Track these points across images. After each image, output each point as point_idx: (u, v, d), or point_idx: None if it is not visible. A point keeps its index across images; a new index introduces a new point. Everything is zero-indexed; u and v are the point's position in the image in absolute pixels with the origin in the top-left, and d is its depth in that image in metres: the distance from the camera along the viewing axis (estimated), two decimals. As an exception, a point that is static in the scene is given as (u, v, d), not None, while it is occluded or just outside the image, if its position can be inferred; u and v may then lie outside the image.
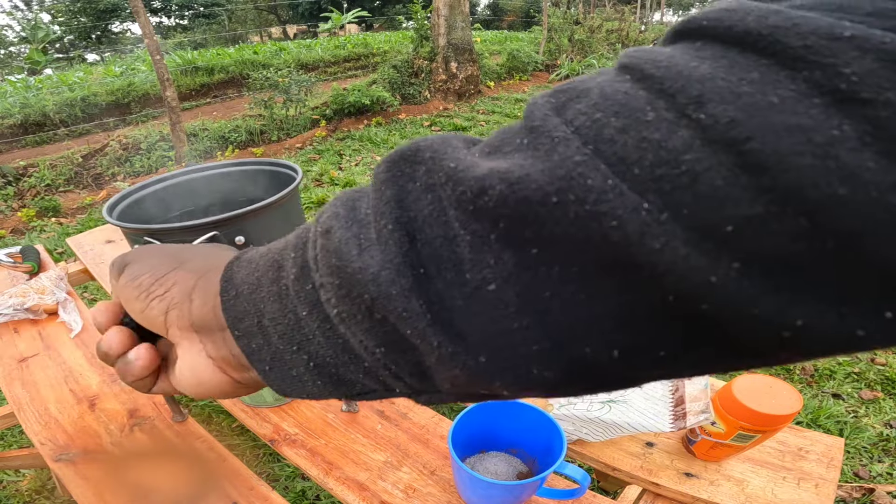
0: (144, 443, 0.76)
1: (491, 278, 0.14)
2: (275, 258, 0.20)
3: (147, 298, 0.23)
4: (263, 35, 16.33)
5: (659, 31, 12.61)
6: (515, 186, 0.13)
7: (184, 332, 0.23)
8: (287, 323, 0.19)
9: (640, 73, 0.13)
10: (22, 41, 13.49)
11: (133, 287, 0.24)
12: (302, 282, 0.18)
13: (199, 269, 0.24)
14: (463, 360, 0.15)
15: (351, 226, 0.17)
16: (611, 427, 0.68)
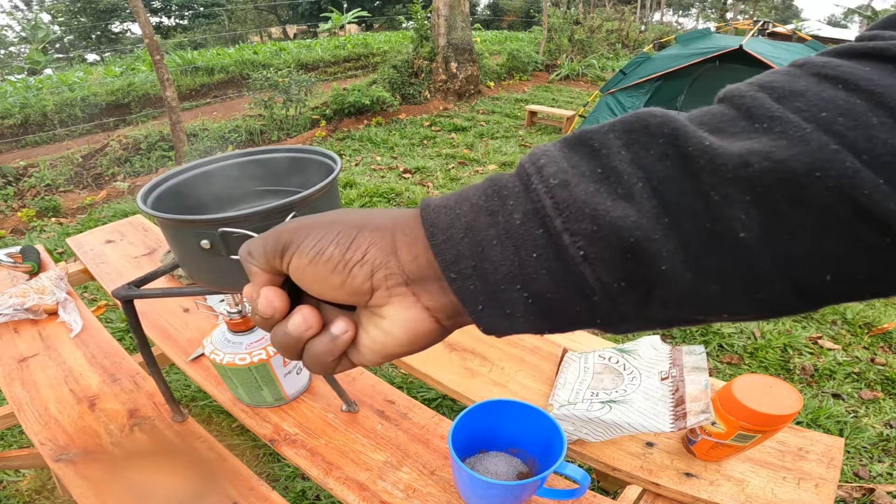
0: (144, 443, 0.76)
1: (738, 228, 0.18)
2: (481, 206, 0.22)
3: (346, 269, 0.23)
4: (263, 35, 16.33)
5: (659, 30, 12.60)
6: (782, 164, 0.17)
7: (394, 290, 0.24)
8: (509, 264, 0.21)
9: (853, 86, 0.18)
10: (22, 41, 13.49)
11: (323, 263, 0.24)
12: (529, 227, 0.21)
13: (385, 227, 0.24)
14: (699, 290, 0.19)
15: (590, 181, 0.20)
16: (611, 427, 0.68)
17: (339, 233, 0.24)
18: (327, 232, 0.24)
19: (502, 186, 0.22)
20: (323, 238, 0.24)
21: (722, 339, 2.03)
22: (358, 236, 0.24)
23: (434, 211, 0.23)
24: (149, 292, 0.60)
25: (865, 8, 18.96)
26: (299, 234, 0.25)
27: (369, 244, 0.24)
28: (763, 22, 3.93)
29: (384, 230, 0.24)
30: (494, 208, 0.22)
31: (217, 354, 0.72)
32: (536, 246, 0.20)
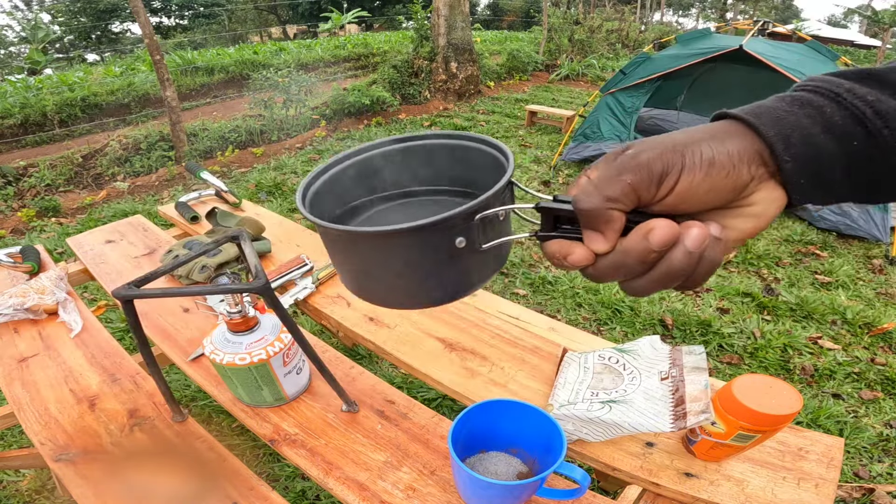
0: (144, 443, 0.76)
1: None
2: (797, 112, 0.29)
3: (735, 170, 0.28)
4: (263, 35, 16.33)
5: (659, 30, 12.60)
6: None
7: (761, 178, 0.29)
8: (832, 150, 0.28)
9: None
10: (22, 41, 13.48)
11: (717, 171, 0.28)
12: (849, 126, 0.28)
13: (719, 131, 0.29)
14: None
15: (892, 99, 0.28)
16: (611, 427, 0.68)
17: (705, 144, 0.28)
18: (697, 146, 0.28)
19: (806, 102, 0.29)
20: (702, 152, 0.28)
21: (722, 339, 2.03)
22: (726, 142, 0.29)
23: (755, 116, 0.29)
24: (149, 292, 0.60)
25: (865, 8, 18.96)
26: (672, 156, 0.28)
27: (733, 146, 0.28)
28: (763, 22, 3.93)
29: (714, 134, 0.29)
30: (811, 114, 0.28)
31: (217, 354, 0.72)
32: (857, 139, 0.28)
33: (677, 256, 0.28)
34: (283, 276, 1.13)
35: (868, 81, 0.29)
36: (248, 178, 3.87)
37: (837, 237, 2.93)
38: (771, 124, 0.28)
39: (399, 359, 0.93)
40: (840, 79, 0.30)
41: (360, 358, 1.87)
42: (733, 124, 0.29)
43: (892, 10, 12.46)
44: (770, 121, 0.29)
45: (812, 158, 0.28)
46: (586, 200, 0.29)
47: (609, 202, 0.28)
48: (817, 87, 0.30)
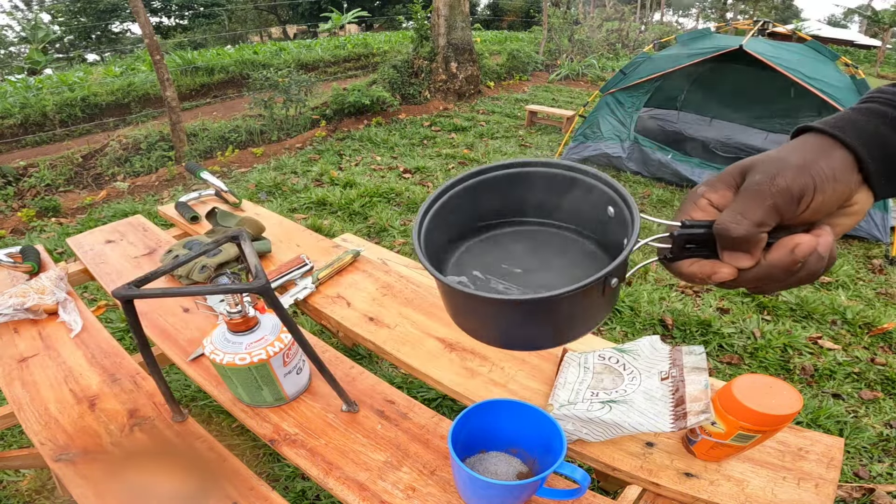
0: (144, 443, 0.76)
1: None
2: (872, 121, 0.34)
3: (847, 185, 0.33)
4: (263, 35, 16.33)
5: (659, 30, 12.60)
6: None
7: (858, 185, 0.34)
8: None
9: None
10: (22, 41, 13.48)
11: (841, 187, 0.33)
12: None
13: (816, 148, 0.34)
14: None
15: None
16: (611, 427, 0.68)
17: (823, 162, 0.33)
18: (817, 165, 0.32)
19: (880, 113, 0.34)
20: (824, 171, 0.32)
21: (722, 339, 2.03)
22: (832, 158, 0.33)
23: (840, 130, 0.33)
24: (149, 292, 0.60)
25: (865, 8, 18.94)
26: (804, 178, 0.32)
27: (838, 161, 0.33)
28: (763, 22, 3.93)
29: (818, 151, 0.34)
30: (886, 122, 0.33)
31: (217, 354, 0.72)
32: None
33: (813, 262, 0.33)
34: (283, 276, 1.13)
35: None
36: (248, 178, 3.87)
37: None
38: (855, 135, 0.33)
39: (399, 359, 0.93)
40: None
41: (360, 358, 1.87)
42: (824, 139, 0.34)
43: (892, 10, 12.45)
44: (853, 132, 0.33)
45: (886, 156, 0.33)
46: (737, 228, 0.33)
47: (758, 227, 0.33)
48: (887, 100, 0.35)
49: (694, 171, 3.49)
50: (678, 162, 3.55)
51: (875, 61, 12.25)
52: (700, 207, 0.37)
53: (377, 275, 1.17)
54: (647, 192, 3.54)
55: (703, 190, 0.37)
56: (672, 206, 3.35)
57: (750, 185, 0.33)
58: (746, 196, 0.33)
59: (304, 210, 3.28)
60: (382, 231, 2.97)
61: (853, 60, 10.18)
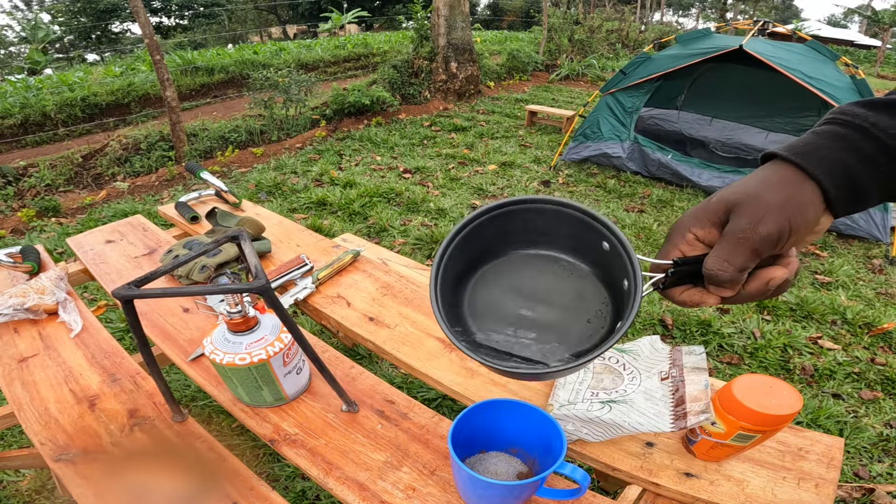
0: (144, 443, 0.76)
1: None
2: (835, 146, 0.37)
3: (818, 219, 0.37)
4: (263, 35, 16.33)
5: (659, 30, 12.60)
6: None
7: (825, 213, 0.38)
8: (868, 176, 0.36)
9: None
10: (22, 41, 13.49)
11: (817, 226, 0.37)
12: (878, 156, 0.36)
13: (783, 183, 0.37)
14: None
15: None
16: (611, 427, 0.68)
17: (796, 200, 0.36)
18: (793, 206, 0.36)
19: (841, 136, 0.37)
20: (797, 215, 0.36)
21: (722, 339, 2.03)
22: (803, 192, 0.37)
23: (802, 157, 0.37)
24: (149, 292, 0.60)
25: (865, 8, 18.94)
26: (782, 221, 0.36)
27: (807, 196, 0.37)
28: (763, 22, 3.93)
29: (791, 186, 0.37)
30: (846, 147, 0.37)
31: (217, 354, 0.72)
32: (883, 164, 0.36)
33: (783, 286, 0.39)
34: (283, 276, 1.13)
35: (890, 111, 0.37)
36: (248, 178, 3.87)
37: (837, 237, 2.93)
38: (817, 163, 0.37)
39: (399, 359, 0.93)
40: (864, 110, 0.38)
41: (360, 358, 1.87)
42: (794, 172, 0.37)
43: (892, 10, 12.45)
44: (816, 160, 0.37)
45: (849, 183, 0.37)
46: (723, 274, 0.38)
47: (741, 272, 0.37)
48: (847, 122, 0.38)
49: (694, 171, 3.49)
50: (678, 162, 3.55)
51: (875, 61, 12.25)
52: (688, 242, 0.41)
53: (377, 275, 1.17)
54: (647, 192, 3.54)
55: (689, 223, 0.40)
56: (672, 206, 3.35)
57: (734, 231, 0.37)
58: (731, 243, 0.37)
59: (304, 210, 3.28)
60: (382, 231, 2.97)
61: (853, 60, 10.19)
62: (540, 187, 3.69)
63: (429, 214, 3.19)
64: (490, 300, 0.49)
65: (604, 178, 3.80)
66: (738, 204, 0.38)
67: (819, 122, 0.41)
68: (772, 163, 0.39)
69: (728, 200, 0.38)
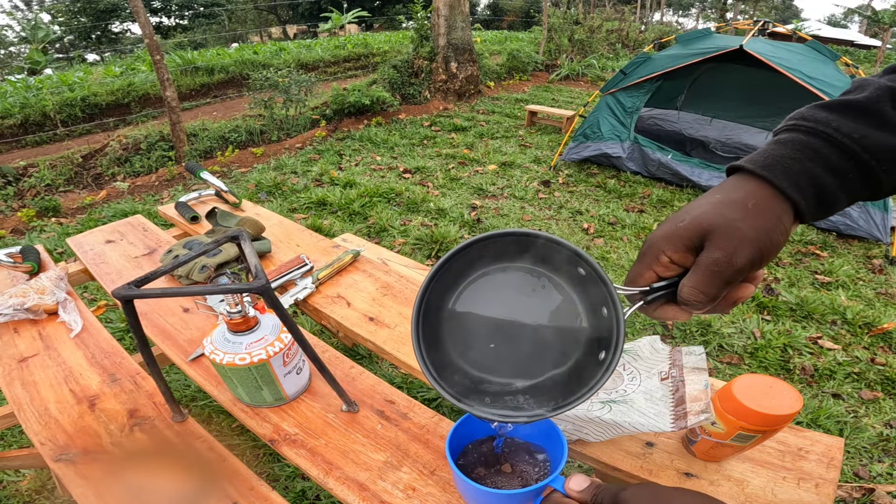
0: (144, 443, 0.76)
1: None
2: (798, 157, 0.37)
3: (784, 236, 0.37)
4: (263, 35, 16.32)
5: (659, 30, 12.59)
6: None
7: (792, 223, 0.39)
8: (832, 184, 0.37)
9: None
10: (22, 41, 13.49)
11: (782, 244, 0.37)
12: (844, 162, 0.36)
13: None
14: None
15: (875, 130, 0.36)
16: (611, 427, 0.68)
17: (768, 227, 0.37)
18: (764, 232, 0.37)
19: (804, 145, 0.37)
20: (772, 239, 0.37)
21: (722, 339, 2.03)
22: (773, 208, 0.37)
23: (768, 170, 0.37)
24: (149, 292, 0.60)
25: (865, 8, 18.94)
26: (754, 252, 0.36)
27: (775, 212, 0.37)
28: (763, 22, 3.93)
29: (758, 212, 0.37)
30: (811, 157, 0.37)
31: (217, 354, 0.72)
32: (851, 171, 0.36)
33: (750, 295, 0.41)
34: (283, 276, 1.13)
35: (850, 114, 0.37)
36: (248, 178, 3.87)
37: (837, 237, 2.93)
38: (783, 176, 0.37)
39: (399, 359, 0.93)
40: (826, 113, 0.37)
41: (360, 358, 1.87)
42: (764, 188, 0.37)
43: (892, 10, 12.45)
44: (782, 173, 0.37)
45: (818, 192, 0.37)
46: (697, 304, 0.39)
47: (714, 300, 0.39)
48: (810, 129, 0.38)
49: (694, 171, 3.49)
50: (678, 162, 3.55)
51: (875, 61, 12.25)
52: (661, 264, 0.42)
53: (377, 275, 1.17)
54: (647, 192, 3.54)
55: (662, 245, 0.41)
56: (672, 206, 3.35)
57: (709, 265, 0.38)
58: (706, 275, 0.38)
59: (304, 210, 3.28)
60: (382, 231, 2.97)
61: (853, 60, 10.19)
62: (540, 187, 3.69)
63: (429, 214, 3.19)
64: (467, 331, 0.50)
65: (604, 178, 3.80)
66: (711, 232, 0.38)
67: (780, 126, 0.41)
68: (738, 177, 0.40)
69: (701, 227, 0.38)
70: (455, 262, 0.49)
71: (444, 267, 0.48)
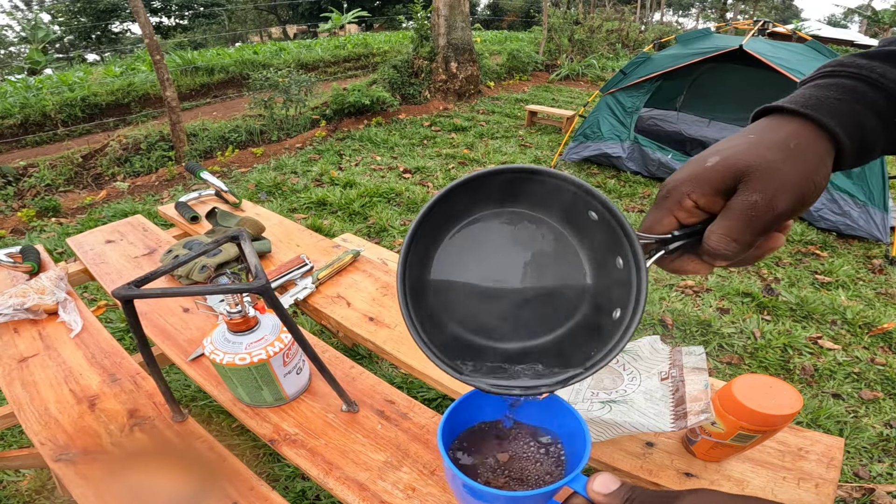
0: (144, 443, 0.76)
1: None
2: (840, 97, 0.35)
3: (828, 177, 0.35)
4: (263, 35, 16.32)
5: (659, 30, 12.59)
6: None
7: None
8: (877, 126, 0.35)
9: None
10: (22, 41, 13.49)
11: (823, 187, 0.34)
12: (890, 106, 0.34)
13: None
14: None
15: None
16: (611, 427, 0.68)
17: (811, 168, 0.33)
18: (807, 173, 0.33)
19: (849, 88, 0.35)
20: (815, 182, 0.33)
21: (722, 339, 2.03)
22: (815, 147, 0.34)
23: (814, 110, 0.34)
24: (149, 292, 0.60)
25: (865, 8, 18.93)
26: (799, 197, 0.33)
27: (816, 153, 0.34)
28: (763, 22, 3.93)
29: (802, 153, 0.34)
30: (857, 99, 0.35)
31: (217, 354, 0.72)
32: (893, 115, 0.34)
33: (780, 246, 0.37)
34: (283, 276, 1.13)
35: (893, 61, 0.35)
36: (248, 178, 3.87)
37: (837, 237, 2.93)
38: (829, 116, 0.34)
39: (399, 359, 0.93)
40: (868, 61, 0.36)
41: (360, 358, 1.87)
42: (807, 127, 0.34)
43: (892, 10, 12.44)
44: (828, 112, 0.34)
45: (862, 136, 0.35)
46: (729, 254, 0.35)
47: (748, 249, 0.35)
48: (853, 73, 0.36)
49: (694, 171, 3.48)
50: (678, 162, 3.55)
51: (875, 61, 12.21)
52: (684, 209, 0.37)
53: (377, 275, 1.17)
54: (647, 192, 3.54)
55: (687, 188, 0.36)
56: (672, 206, 3.35)
57: (745, 208, 0.33)
58: (741, 220, 0.33)
59: (304, 210, 3.28)
60: (382, 231, 2.97)
61: (853, 60, 10.15)
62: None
63: (429, 214, 3.19)
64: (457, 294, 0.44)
65: (604, 178, 3.80)
66: (748, 173, 0.33)
67: (811, 75, 0.38)
68: (774, 118, 0.36)
69: (735, 167, 0.34)
70: (436, 215, 0.41)
71: (424, 222, 0.40)
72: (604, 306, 0.41)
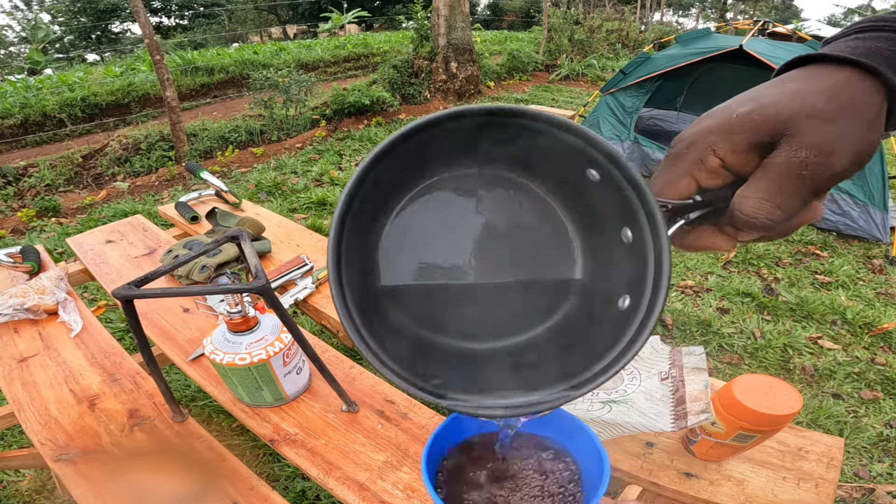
0: (144, 443, 0.76)
1: None
2: (882, 46, 0.29)
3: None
4: (263, 35, 16.32)
5: (659, 30, 12.59)
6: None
7: None
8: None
9: None
10: (22, 41, 13.49)
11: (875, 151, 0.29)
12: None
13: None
14: None
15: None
16: (611, 427, 0.68)
17: (865, 119, 0.28)
18: (863, 126, 0.28)
19: (891, 39, 0.30)
20: (872, 136, 0.28)
21: (722, 339, 2.03)
22: (874, 114, 0.29)
23: (874, 61, 0.28)
24: (149, 292, 0.60)
25: (865, 8, 18.94)
26: (856, 151, 0.27)
27: (875, 113, 0.29)
28: (763, 22, 3.93)
29: (858, 104, 0.28)
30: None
31: (217, 354, 0.72)
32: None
33: (820, 216, 0.31)
34: (283, 276, 1.13)
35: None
36: (248, 178, 3.87)
37: (837, 237, 2.93)
38: (886, 65, 0.28)
39: (399, 359, 0.93)
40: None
41: (360, 358, 1.86)
42: (851, 74, 0.28)
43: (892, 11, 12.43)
44: (883, 61, 0.28)
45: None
46: (771, 224, 0.28)
47: (790, 218, 0.28)
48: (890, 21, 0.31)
49: (694, 171, 3.48)
50: (678, 162, 3.54)
51: (875, 61, 12.22)
52: (708, 168, 0.29)
53: (377, 275, 1.17)
54: (647, 192, 3.54)
55: (712, 141, 0.29)
56: (672, 206, 3.35)
57: (793, 165, 0.27)
58: (787, 180, 0.27)
59: (304, 210, 3.28)
60: (382, 231, 2.97)
61: (853, 60, 10.15)
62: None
63: (429, 214, 3.19)
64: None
65: (604, 178, 3.80)
66: (794, 125, 0.27)
67: (842, 32, 0.33)
68: (818, 66, 0.30)
69: (777, 118, 0.27)
70: (379, 185, 0.30)
71: (353, 199, 0.29)
72: (607, 293, 0.32)
